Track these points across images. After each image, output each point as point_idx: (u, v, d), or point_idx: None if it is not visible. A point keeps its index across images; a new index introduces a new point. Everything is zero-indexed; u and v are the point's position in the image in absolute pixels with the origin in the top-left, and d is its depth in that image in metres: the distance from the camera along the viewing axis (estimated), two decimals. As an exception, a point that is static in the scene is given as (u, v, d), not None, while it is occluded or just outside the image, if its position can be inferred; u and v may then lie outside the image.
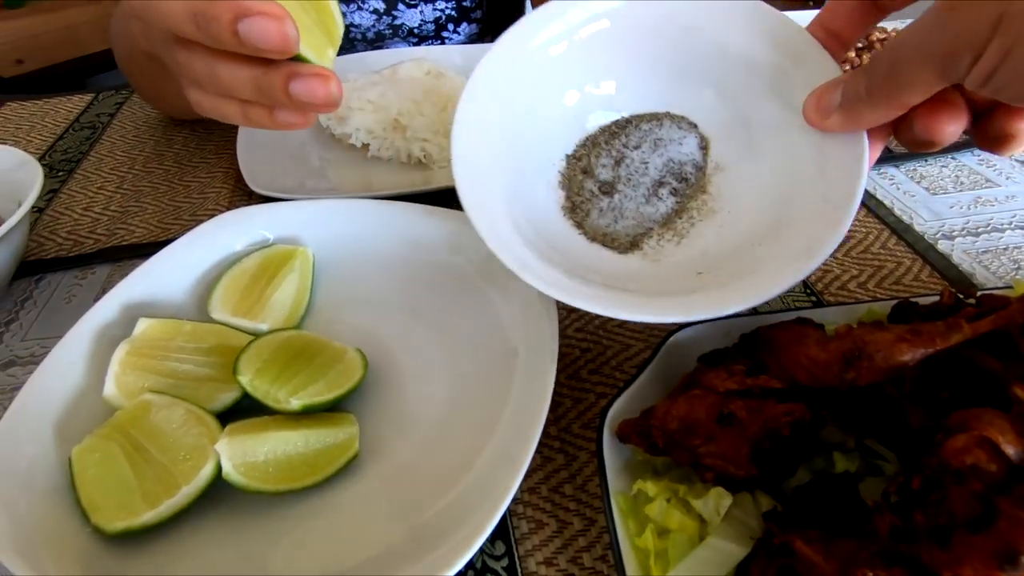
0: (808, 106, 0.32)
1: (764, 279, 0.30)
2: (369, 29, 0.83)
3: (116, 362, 0.36)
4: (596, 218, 0.37)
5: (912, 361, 0.25)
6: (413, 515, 0.31)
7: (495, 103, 0.36)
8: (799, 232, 0.32)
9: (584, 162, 0.39)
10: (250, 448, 0.32)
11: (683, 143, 0.39)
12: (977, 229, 0.52)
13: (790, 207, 0.34)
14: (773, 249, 0.33)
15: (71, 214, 0.59)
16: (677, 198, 0.37)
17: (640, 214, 0.37)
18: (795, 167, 0.34)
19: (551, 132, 0.39)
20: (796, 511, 0.26)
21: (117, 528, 0.30)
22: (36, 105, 0.77)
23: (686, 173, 0.38)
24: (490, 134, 0.35)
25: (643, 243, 0.36)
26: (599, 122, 0.40)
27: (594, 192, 0.38)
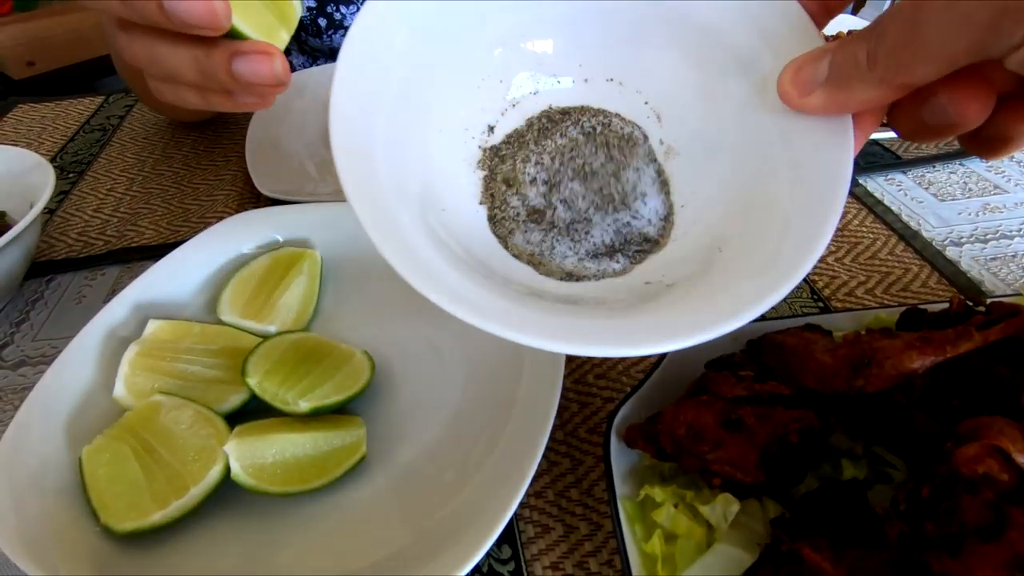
0: (784, 80, 0.25)
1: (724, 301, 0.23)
2: None
3: (126, 363, 0.36)
4: (522, 240, 0.30)
5: (922, 369, 0.25)
6: (420, 518, 0.31)
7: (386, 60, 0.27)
8: (767, 241, 0.25)
9: (508, 166, 0.31)
10: (258, 450, 0.32)
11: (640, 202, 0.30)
12: (986, 236, 0.51)
13: (756, 209, 0.27)
14: (737, 257, 0.26)
15: (81, 215, 0.59)
16: (633, 259, 0.29)
17: (583, 266, 0.29)
18: (763, 159, 0.28)
19: (471, 87, 0.31)
20: (804, 518, 0.26)
21: (127, 528, 0.30)
22: (47, 107, 0.78)
23: (647, 236, 0.30)
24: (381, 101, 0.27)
25: (583, 277, 0.29)
26: (527, 90, 0.32)
27: (519, 215, 0.30)
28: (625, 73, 0.32)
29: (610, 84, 0.32)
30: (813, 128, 0.25)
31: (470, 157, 0.31)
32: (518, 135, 0.31)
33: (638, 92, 0.32)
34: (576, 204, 0.30)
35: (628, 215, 0.30)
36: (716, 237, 0.28)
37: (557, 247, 0.29)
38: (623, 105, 0.32)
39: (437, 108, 0.30)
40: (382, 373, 0.39)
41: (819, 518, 0.25)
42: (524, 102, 0.32)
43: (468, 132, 0.31)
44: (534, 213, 0.30)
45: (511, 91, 0.32)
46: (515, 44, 0.31)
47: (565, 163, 0.31)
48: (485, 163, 0.31)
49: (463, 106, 0.31)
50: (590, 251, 0.29)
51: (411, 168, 0.27)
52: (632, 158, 0.31)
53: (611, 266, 0.29)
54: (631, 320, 0.25)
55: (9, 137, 0.72)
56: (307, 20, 0.82)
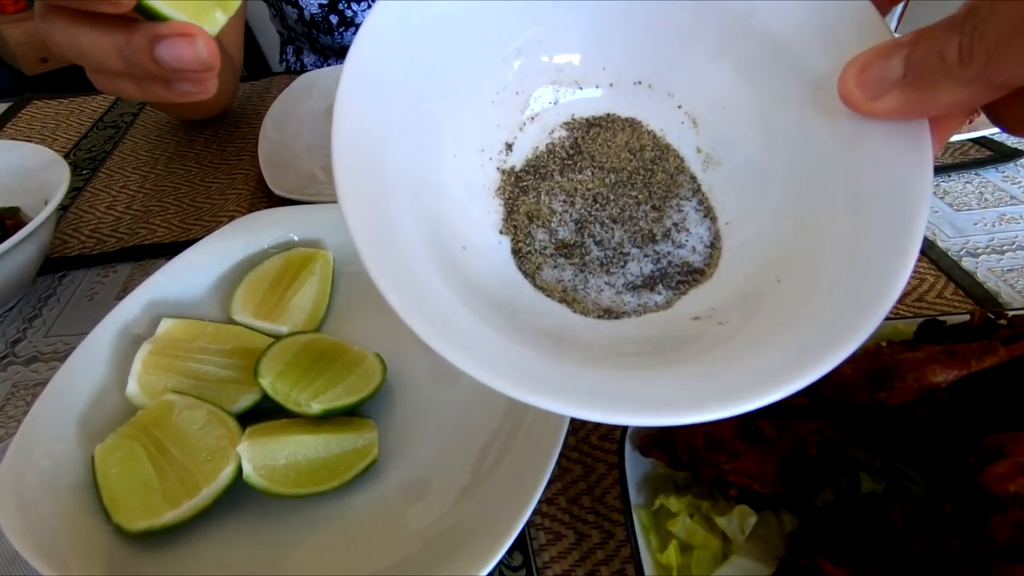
0: (847, 81, 0.21)
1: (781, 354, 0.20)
2: None
3: (139, 361, 0.36)
4: (552, 276, 0.26)
5: (945, 383, 0.25)
6: (432, 524, 0.31)
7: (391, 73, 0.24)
8: (829, 272, 0.22)
9: (531, 198, 0.28)
10: (271, 451, 0.32)
11: (682, 234, 0.27)
12: (1002, 247, 0.51)
13: (815, 229, 0.23)
14: (796, 292, 0.22)
15: (94, 212, 0.59)
16: (678, 290, 0.26)
17: (621, 301, 0.26)
18: (819, 169, 0.24)
19: (485, 96, 0.28)
20: (822, 531, 0.26)
21: (139, 528, 0.30)
22: (61, 104, 0.79)
23: (691, 265, 0.27)
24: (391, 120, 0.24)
25: (622, 313, 0.26)
26: (546, 100, 0.28)
27: (547, 248, 0.27)
28: (654, 74, 0.29)
29: (638, 88, 0.29)
30: (881, 134, 0.22)
31: (488, 182, 0.28)
32: (540, 164, 0.28)
33: (670, 95, 0.29)
34: (609, 242, 0.27)
35: (669, 246, 0.27)
36: (770, 262, 0.24)
37: (592, 280, 0.26)
38: (653, 111, 0.29)
39: (449, 130, 0.27)
40: (393, 376, 0.39)
41: (837, 532, 0.25)
42: (544, 114, 0.29)
43: (484, 153, 0.28)
44: (563, 247, 0.27)
45: (530, 104, 0.29)
46: (535, 55, 0.28)
47: (597, 209, 0.28)
48: (505, 190, 0.28)
49: (477, 124, 0.28)
50: (628, 283, 0.26)
51: (425, 202, 0.25)
52: (672, 197, 0.28)
53: (653, 299, 0.26)
54: (675, 377, 0.21)
55: (23, 133, 0.72)
56: (319, 17, 0.82)
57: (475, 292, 0.23)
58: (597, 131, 0.29)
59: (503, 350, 0.21)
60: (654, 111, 0.29)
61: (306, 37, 0.89)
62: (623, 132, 0.29)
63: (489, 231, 0.27)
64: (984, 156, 0.60)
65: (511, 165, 0.28)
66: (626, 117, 0.29)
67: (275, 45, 1.10)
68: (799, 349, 0.19)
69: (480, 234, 0.26)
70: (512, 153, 0.28)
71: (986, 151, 0.61)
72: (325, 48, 0.90)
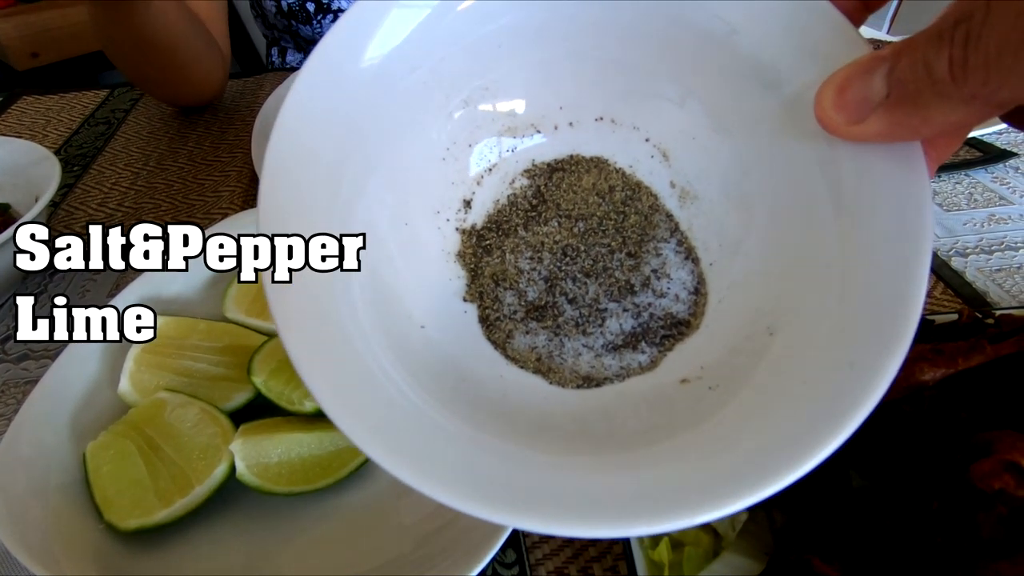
0: (824, 104, 0.19)
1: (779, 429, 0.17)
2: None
3: (131, 359, 0.36)
4: (524, 343, 0.24)
5: (932, 380, 0.25)
6: (425, 522, 0.31)
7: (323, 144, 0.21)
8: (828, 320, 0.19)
9: (496, 259, 0.25)
10: (264, 449, 0.32)
11: (663, 281, 0.25)
12: (991, 247, 0.51)
13: (806, 266, 0.21)
14: (794, 347, 0.20)
15: (85, 209, 0.59)
16: (662, 347, 0.24)
17: (601, 364, 0.24)
18: (802, 199, 0.22)
19: (432, 154, 0.25)
20: (811, 528, 0.26)
21: (131, 526, 0.30)
22: (52, 100, 0.78)
23: (675, 317, 0.24)
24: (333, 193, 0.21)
25: (603, 380, 0.23)
26: (503, 147, 0.26)
27: (516, 313, 0.25)
28: (615, 109, 0.26)
29: (600, 124, 0.26)
30: (869, 158, 0.19)
31: (448, 246, 0.25)
32: (502, 219, 0.26)
33: (635, 128, 0.26)
34: (584, 299, 0.25)
35: (650, 296, 0.25)
36: (761, 311, 0.22)
37: (568, 344, 0.24)
38: (619, 147, 0.26)
39: (398, 195, 0.24)
40: (387, 374, 0.39)
41: (826, 528, 0.25)
42: (502, 164, 0.26)
43: (441, 215, 0.25)
44: (534, 310, 0.24)
45: (485, 155, 0.26)
46: (483, 102, 0.25)
47: (567, 263, 0.25)
48: (466, 252, 0.25)
49: (430, 184, 0.25)
50: (608, 344, 0.24)
51: (372, 281, 0.22)
52: (648, 241, 0.25)
53: (636, 359, 0.24)
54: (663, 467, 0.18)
55: (13, 129, 0.72)
56: (296, 6, 0.82)
57: (436, 377, 0.21)
58: (561, 175, 0.26)
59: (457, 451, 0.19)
60: (620, 147, 0.26)
61: (287, 32, 0.89)
62: (589, 174, 0.26)
63: (453, 300, 0.24)
64: (974, 157, 0.61)
65: (471, 223, 0.26)
66: (591, 156, 0.26)
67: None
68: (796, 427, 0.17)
69: (442, 306, 0.24)
70: (472, 210, 0.26)
71: (976, 152, 0.62)
72: (308, 42, 0.90)
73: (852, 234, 0.19)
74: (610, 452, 0.20)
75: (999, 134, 0.63)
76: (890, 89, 0.17)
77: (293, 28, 0.86)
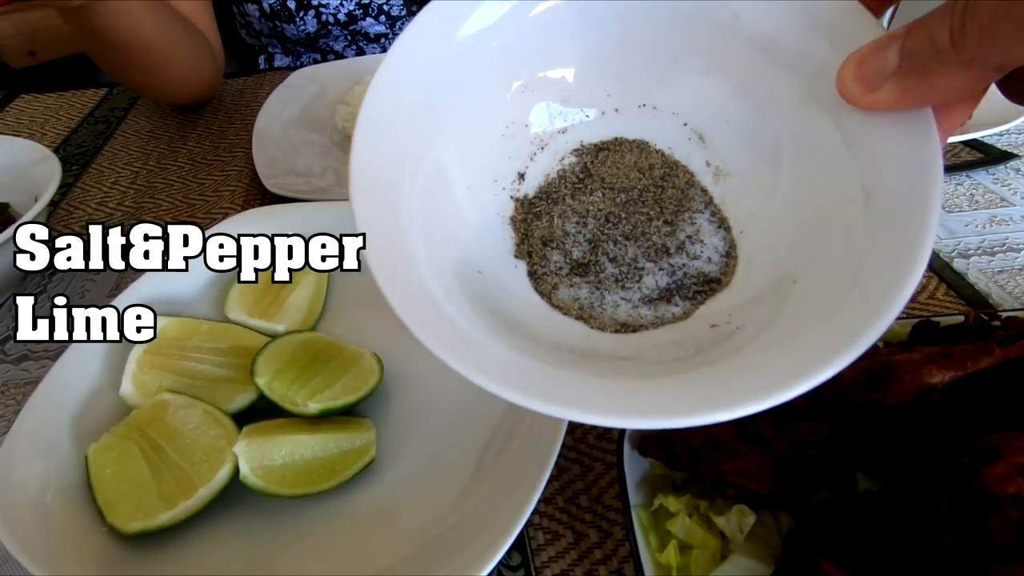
0: (845, 77, 0.21)
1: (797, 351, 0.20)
2: (339, 10, 0.83)
3: (133, 360, 0.36)
4: (567, 295, 0.27)
5: (941, 384, 0.25)
6: (430, 524, 0.31)
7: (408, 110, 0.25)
8: (846, 270, 0.21)
9: (544, 223, 0.28)
10: (268, 451, 0.32)
11: (696, 246, 0.27)
12: (993, 248, 0.52)
13: (828, 227, 0.24)
14: (814, 291, 0.22)
15: (85, 208, 0.59)
16: (694, 300, 0.26)
17: (638, 314, 0.26)
18: (826, 168, 0.24)
19: (494, 131, 0.29)
20: (819, 531, 0.26)
21: (134, 528, 0.29)
22: (51, 98, 0.78)
23: (707, 275, 0.27)
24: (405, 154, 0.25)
25: (639, 327, 0.26)
26: (546, 125, 0.30)
27: (561, 269, 0.27)
28: (657, 96, 0.29)
29: (643, 110, 0.30)
30: (885, 128, 0.22)
31: (502, 211, 0.29)
32: (552, 189, 0.29)
33: (675, 114, 0.29)
34: (623, 259, 0.27)
35: (684, 258, 0.27)
36: (787, 264, 0.24)
37: (608, 296, 0.26)
38: (660, 131, 0.29)
39: (462, 163, 0.28)
40: (390, 375, 0.39)
41: (835, 531, 0.25)
42: (553, 143, 0.30)
43: (498, 183, 0.29)
44: (578, 267, 0.27)
45: (536, 127, 0.29)
46: (540, 89, 0.29)
47: (609, 228, 0.28)
48: (518, 217, 0.29)
49: (489, 156, 0.29)
50: (644, 297, 0.26)
51: (443, 231, 0.26)
52: (684, 211, 0.28)
53: (670, 311, 0.26)
54: (694, 379, 0.21)
55: (12, 127, 0.71)
56: (277, 6, 0.82)
57: (491, 312, 0.24)
58: (606, 154, 0.30)
59: (514, 362, 0.21)
60: (660, 131, 0.29)
61: (274, 36, 0.89)
62: (631, 153, 0.30)
63: (505, 256, 0.27)
64: (975, 158, 0.61)
65: (524, 193, 0.29)
66: (634, 139, 0.30)
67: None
68: (814, 349, 0.19)
69: (496, 259, 0.27)
70: (524, 182, 0.29)
71: (977, 153, 0.62)
72: (294, 43, 0.89)
73: (871, 199, 0.22)
74: (652, 377, 0.23)
75: (999, 136, 0.63)
76: (902, 60, 0.20)
77: (278, 30, 0.85)
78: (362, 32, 0.87)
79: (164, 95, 0.70)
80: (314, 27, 0.84)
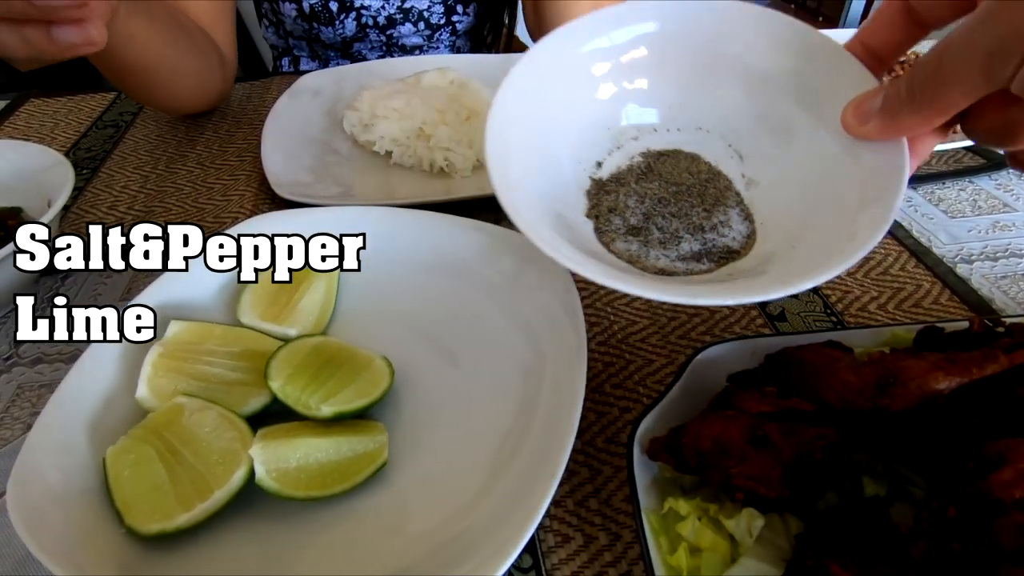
0: (847, 113, 0.31)
1: (806, 266, 0.28)
2: (379, 13, 0.83)
3: (149, 364, 0.36)
4: (622, 247, 0.36)
5: (947, 390, 0.26)
6: (442, 527, 0.32)
7: (530, 99, 0.35)
8: (838, 230, 0.30)
9: (612, 198, 0.37)
10: (283, 454, 0.32)
11: (726, 229, 0.37)
12: (996, 254, 0.52)
13: (826, 212, 0.33)
14: (812, 244, 0.31)
15: (96, 212, 0.59)
16: (718, 263, 0.35)
17: (673, 266, 0.35)
18: (830, 175, 0.33)
19: (586, 128, 0.39)
20: (826, 534, 0.26)
21: (152, 530, 0.30)
22: (59, 102, 0.78)
23: (731, 248, 0.36)
24: (524, 127, 0.35)
25: (673, 273, 0.35)
26: (632, 119, 0.40)
27: (620, 229, 0.36)
28: (711, 124, 0.39)
29: (699, 132, 0.39)
30: (873, 149, 0.31)
31: (581, 183, 0.38)
32: (620, 176, 0.38)
33: (722, 137, 0.39)
34: (668, 229, 0.36)
35: (715, 235, 0.36)
36: (789, 239, 0.33)
37: (652, 252, 0.35)
38: (709, 148, 0.39)
39: (563, 146, 0.38)
40: (399, 379, 0.39)
41: (843, 535, 0.26)
42: (627, 145, 0.39)
43: (581, 164, 0.38)
44: (633, 230, 0.36)
45: (616, 132, 0.40)
46: (622, 91, 0.39)
47: (660, 207, 0.37)
48: (592, 191, 0.38)
49: (580, 144, 0.39)
50: (680, 256, 0.35)
51: (546, 189, 0.35)
52: (720, 205, 0.37)
53: (698, 267, 0.35)
54: (722, 285, 0.31)
55: (21, 131, 0.72)
56: (319, 7, 0.82)
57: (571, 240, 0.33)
58: (666, 159, 0.39)
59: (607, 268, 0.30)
60: (710, 148, 0.39)
61: (305, 38, 0.89)
62: (685, 160, 0.39)
63: (579, 214, 0.37)
64: (978, 164, 0.61)
65: (599, 176, 0.39)
66: (689, 152, 0.39)
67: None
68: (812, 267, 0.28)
69: (573, 214, 0.36)
70: (601, 168, 0.39)
71: (980, 159, 0.62)
72: (327, 47, 0.89)
73: (857, 192, 0.31)
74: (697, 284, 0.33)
75: (1002, 141, 0.64)
76: (882, 105, 0.29)
77: (313, 32, 0.85)
78: (398, 43, 0.88)
79: (166, 109, 0.70)
80: (353, 30, 0.84)
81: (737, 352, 0.36)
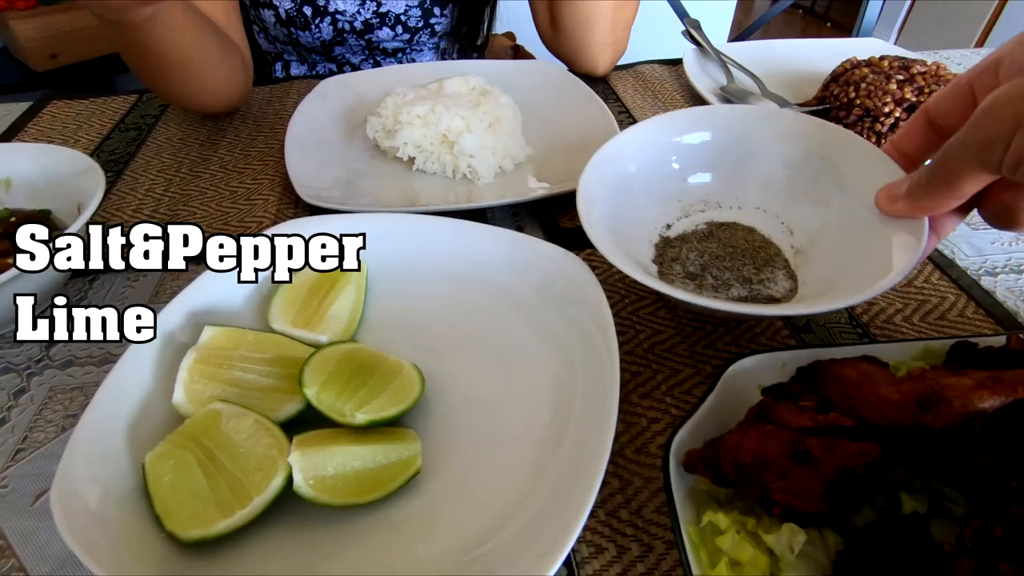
0: (880, 195, 0.39)
1: (846, 293, 0.36)
2: (355, 18, 0.83)
3: (185, 369, 0.37)
4: (679, 285, 0.44)
5: (991, 408, 0.26)
6: (478, 539, 0.32)
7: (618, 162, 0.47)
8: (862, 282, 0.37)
9: (675, 251, 0.47)
10: (320, 462, 0.33)
11: (771, 284, 0.45)
12: (1020, 267, 0.52)
13: (855, 272, 0.40)
14: (839, 293, 0.39)
15: (121, 215, 0.60)
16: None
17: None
18: (862, 244, 0.41)
19: (663, 198, 0.50)
20: (866, 550, 0.26)
21: (192, 536, 0.30)
22: (82, 104, 0.79)
23: (774, 296, 0.44)
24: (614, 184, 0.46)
25: None
26: (696, 208, 0.51)
27: (679, 274, 0.45)
28: (768, 205, 0.49)
29: (757, 210, 0.50)
30: (900, 224, 0.38)
31: (651, 238, 0.48)
32: (684, 236, 0.49)
33: (776, 216, 0.49)
34: (720, 279, 0.45)
35: (761, 287, 0.45)
36: (824, 291, 0.41)
37: (705, 294, 0.42)
38: (764, 223, 0.49)
39: (642, 211, 0.48)
40: (429, 387, 0.39)
41: (883, 551, 0.26)
42: (694, 214, 0.50)
43: (654, 225, 0.49)
44: (690, 275, 0.45)
45: (686, 204, 0.50)
46: (692, 172, 0.51)
47: (716, 261, 0.46)
48: (660, 244, 0.48)
49: (655, 212, 0.49)
50: (729, 299, 0.43)
51: (623, 230, 0.45)
52: (768, 266, 0.46)
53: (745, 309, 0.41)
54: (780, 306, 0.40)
55: (45, 133, 0.73)
56: (293, 12, 0.82)
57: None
58: (725, 228, 0.49)
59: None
60: (764, 223, 0.49)
61: (289, 43, 0.89)
62: (742, 231, 0.49)
63: (647, 259, 0.47)
64: (1000, 176, 0.61)
65: (667, 235, 0.49)
66: (746, 225, 0.49)
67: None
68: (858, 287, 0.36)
69: (642, 259, 0.46)
70: (670, 230, 0.49)
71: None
72: (309, 51, 0.90)
73: (881, 255, 0.38)
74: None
75: None
76: (907, 188, 0.37)
77: (293, 36, 0.86)
78: (379, 46, 0.88)
79: (197, 105, 0.71)
80: (330, 35, 0.84)
81: (768, 364, 0.36)
